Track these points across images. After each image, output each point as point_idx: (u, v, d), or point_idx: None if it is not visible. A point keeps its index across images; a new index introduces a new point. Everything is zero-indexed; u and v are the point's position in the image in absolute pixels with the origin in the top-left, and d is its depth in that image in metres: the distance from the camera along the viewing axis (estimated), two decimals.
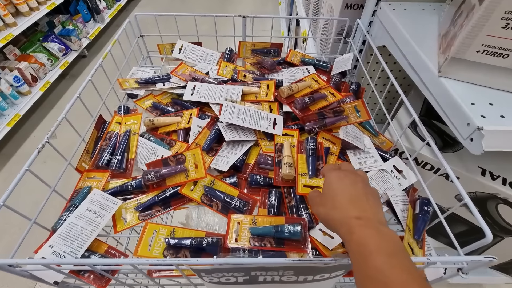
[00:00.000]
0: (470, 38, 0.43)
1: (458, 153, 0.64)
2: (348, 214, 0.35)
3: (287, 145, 0.59)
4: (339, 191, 0.38)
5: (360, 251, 0.31)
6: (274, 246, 0.47)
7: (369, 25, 0.82)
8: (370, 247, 0.30)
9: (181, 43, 0.88)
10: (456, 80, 0.49)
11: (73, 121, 0.56)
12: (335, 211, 0.36)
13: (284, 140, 0.61)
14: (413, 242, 0.46)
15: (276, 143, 0.61)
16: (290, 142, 0.61)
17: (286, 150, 0.58)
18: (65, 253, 0.44)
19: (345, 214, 0.35)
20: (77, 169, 0.57)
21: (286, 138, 0.62)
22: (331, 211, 0.36)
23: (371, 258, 0.30)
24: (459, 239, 0.44)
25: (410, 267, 0.29)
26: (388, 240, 0.31)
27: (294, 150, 0.60)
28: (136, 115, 0.65)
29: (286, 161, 0.56)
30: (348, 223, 0.34)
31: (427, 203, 0.50)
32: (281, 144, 0.61)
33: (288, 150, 0.58)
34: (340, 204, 0.36)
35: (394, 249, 0.31)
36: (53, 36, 2.15)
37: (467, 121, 0.43)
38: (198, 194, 0.54)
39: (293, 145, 0.60)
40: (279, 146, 0.60)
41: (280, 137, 0.62)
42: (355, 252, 0.32)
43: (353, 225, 0.33)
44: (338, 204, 0.36)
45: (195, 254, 0.46)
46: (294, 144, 0.61)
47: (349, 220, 0.34)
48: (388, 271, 0.28)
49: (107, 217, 0.49)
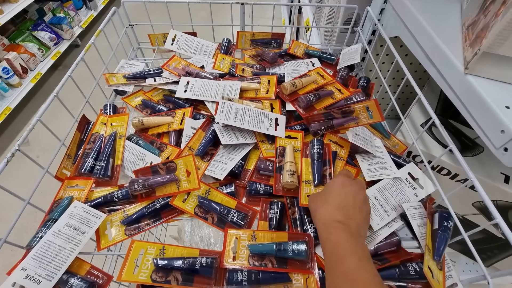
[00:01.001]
0: (508, 30, 0.37)
1: (478, 157, 0.58)
2: (333, 216, 0.39)
3: (289, 149, 0.53)
4: (335, 194, 0.41)
5: (336, 251, 0.36)
6: (276, 266, 0.42)
7: (380, 13, 0.74)
8: (345, 248, 0.35)
9: (174, 33, 0.80)
10: (487, 78, 0.43)
11: (53, 121, 0.50)
12: (323, 209, 0.41)
13: (287, 143, 0.55)
14: (433, 264, 0.41)
15: (278, 146, 0.55)
16: (294, 146, 0.55)
17: (289, 155, 0.52)
18: (40, 277, 0.39)
19: (331, 215, 0.39)
20: (57, 177, 0.51)
21: (289, 141, 0.56)
22: (320, 207, 0.41)
23: (345, 258, 0.34)
24: (474, 246, 0.39)
25: (374, 271, 0.34)
26: (360, 246, 0.36)
27: (298, 155, 0.54)
28: (122, 115, 0.59)
29: (288, 167, 0.50)
30: (330, 224, 0.38)
31: (447, 217, 0.44)
32: (283, 148, 0.55)
33: (291, 155, 0.52)
34: (331, 205, 0.40)
35: (364, 255, 0.35)
36: (43, 24, 2.05)
37: (501, 128, 0.37)
38: (191, 205, 0.48)
39: (296, 149, 0.55)
40: (281, 150, 0.54)
41: (283, 139, 0.56)
42: (330, 251, 0.36)
43: (334, 227, 0.37)
44: (328, 204, 0.40)
45: (187, 276, 0.41)
46: (298, 148, 0.55)
47: (331, 222, 0.38)
48: (357, 270, 0.33)
49: (89, 233, 0.44)
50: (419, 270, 0.41)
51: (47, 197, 0.50)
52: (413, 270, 0.41)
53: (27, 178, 0.48)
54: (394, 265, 0.43)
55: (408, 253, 0.44)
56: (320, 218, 0.40)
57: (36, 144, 1.68)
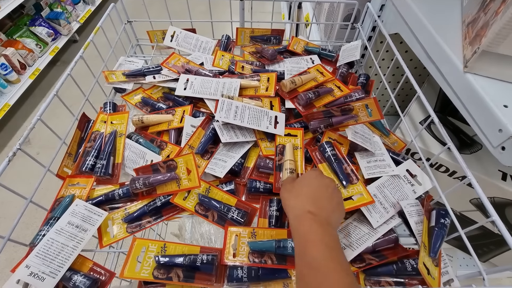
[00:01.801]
0: (508, 28, 0.37)
1: (476, 155, 0.59)
2: (305, 207, 0.39)
3: (289, 148, 0.54)
4: (307, 186, 0.42)
5: (304, 241, 0.36)
6: (275, 263, 0.43)
7: (380, 9, 0.74)
8: (313, 238, 0.35)
9: (173, 29, 0.80)
10: (486, 77, 0.43)
11: (53, 119, 0.50)
12: (295, 200, 0.41)
13: (287, 141, 0.56)
14: (429, 260, 0.41)
15: (278, 144, 0.55)
16: (294, 144, 0.55)
17: (288, 153, 0.53)
18: (44, 274, 0.40)
19: (302, 205, 0.39)
20: (58, 175, 0.52)
21: (289, 139, 0.56)
22: (293, 198, 0.42)
23: (311, 248, 0.34)
24: (471, 241, 0.40)
25: (341, 260, 0.34)
26: (329, 236, 0.36)
27: (298, 153, 0.54)
28: (122, 113, 0.59)
29: (288, 166, 0.50)
30: (301, 214, 0.38)
31: (444, 215, 0.45)
32: (283, 146, 0.55)
33: (291, 153, 0.53)
34: (304, 196, 0.41)
35: (333, 245, 0.35)
36: (40, 19, 2.03)
37: (499, 127, 0.38)
38: (192, 203, 0.49)
39: (296, 147, 0.55)
40: (280, 148, 0.55)
41: (282, 137, 0.56)
42: (299, 241, 0.36)
43: (305, 217, 0.38)
44: (301, 195, 0.41)
45: (189, 273, 0.42)
46: (298, 146, 0.55)
47: (303, 212, 0.38)
48: (323, 260, 0.33)
49: (91, 231, 0.45)
50: (415, 267, 0.42)
51: (48, 195, 0.50)
52: (410, 266, 0.42)
53: (28, 175, 0.48)
54: (391, 262, 0.43)
55: (406, 249, 0.44)
56: (291, 208, 0.41)
57: (35, 141, 1.68)
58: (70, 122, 0.56)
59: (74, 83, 0.59)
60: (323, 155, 0.53)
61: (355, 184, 0.48)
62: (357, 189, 0.47)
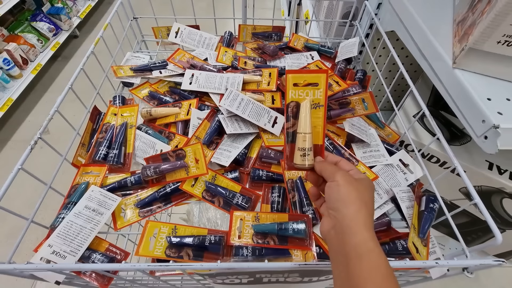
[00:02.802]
0: (491, 28, 0.40)
1: (465, 146, 0.62)
2: (372, 223, 0.31)
3: (305, 111, 0.36)
4: (372, 197, 0.34)
5: (382, 270, 0.28)
6: (277, 243, 0.46)
7: (377, 8, 0.77)
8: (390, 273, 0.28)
9: (177, 26, 0.83)
10: (472, 72, 0.46)
11: (65, 111, 0.53)
12: (365, 207, 0.32)
13: (302, 95, 0.36)
14: (418, 240, 0.45)
15: (289, 102, 0.37)
16: (312, 100, 0.36)
17: (304, 121, 0.36)
18: (65, 252, 0.43)
19: (370, 220, 0.31)
20: (73, 164, 0.55)
21: (305, 91, 0.36)
22: (360, 202, 0.32)
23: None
24: (460, 229, 0.43)
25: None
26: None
27: (321, 112, 0.36)
28: (132, 106, 0.62)
29: (306, 145, 0.36)
30: (372, 232, 0.30)
31: (433, 200, 0.49)
32: (296, 104, 0.37)
33: (307, 120, 0.36)
34: (370, 208, 0.33)
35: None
36: (41, 15, 2.04)
37: (482, 118, 0.41)
38: (199, 190, 0.52)
39: (316, 105, 0.36)
40: (293, 107, 0.37)
41: (295, 89, 0.37)
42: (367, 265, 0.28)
43: (366, 249, 0.29)
44: (368, 206, 0.32)
45: (198, 252, 0.45)
46: (319, 102, 0.36)
47: (372, 229, 0.31)
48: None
49: (106, 215, 0.48)
50: (406, 246, 0.45)
51: (62, 181, 0.53)
52: (401, 246, 0.46)
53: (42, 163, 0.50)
54: (384, 242, 0.47)
55: (397, 232, 0.48)
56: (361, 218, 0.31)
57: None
58: (79, 115, 0.58)
59: (81, 77, 0.61)
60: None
61: (357, 165, 0.52)
62: (360, 170, 0.51)
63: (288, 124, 0.38)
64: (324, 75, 0.36)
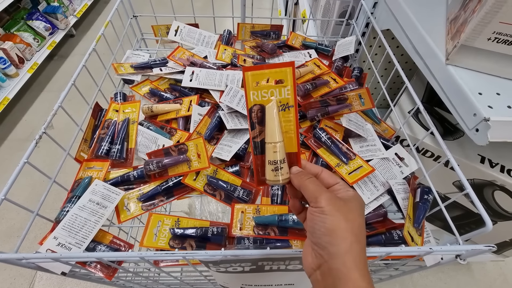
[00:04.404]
0: (482, 25, 0.42)
1: (458, 141, 0.64)
2: (363, 257, 0.27)
3: (272, 112, 0.30)
4: (363, 218, 0.29)
5: None
6: (278, 234, 0.48)
7: (373, 7, 0.79)
8: None
9: (177, 24, 0.84)
10: (464, 68, 0.48)
11: (67, 107, 0.53)
12: (357, 239, 0.27)
13: (266, 96, 0.30)
14: (413, 230, 0.47)
15: (252, 106, 0.30)
16: (278, 101, 0.30)
17: (273, 127, 0.30)
18: (71, 244, 0.44)
19: (362, 254, 0.27)
20: (76, 159, 0.56)
21: (271, 90, 0.30)
22: (352, 234, 0.27)
23: None
24: (454, 222, 0.45)
25: None
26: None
27: (292, 112, 0.31)
28: (134, 102, 0.63)
29: (277, 157, 0.30)
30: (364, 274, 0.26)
31: (427, 192, 0.51)
32: (260, 107, 0.30)
33: (277, 125, 0.30)
34: (363, 236, 0.28)
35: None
36: (37, 13, 2.03)
37: (474, 112, 0.43)
38: (201, 183, 0.53)
39: (284, 106, 0.30)
40: (256, 112, 0.31)
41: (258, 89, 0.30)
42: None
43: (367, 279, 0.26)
44: (362, 235, 0.28)
45: (200, 243, 0.47)
46: (287, 102, 0.30)
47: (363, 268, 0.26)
48: None
49: (110, 208, 0.49)
50: (401, 236, 0.47)
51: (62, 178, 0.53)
52: (396, 236, 0.48)
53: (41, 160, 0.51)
54: (380, 233, 0.49)
55: (393, 222, 0.50)
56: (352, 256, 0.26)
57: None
58: (77, 113, 0.59)
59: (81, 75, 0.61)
60: (319, 140, 0.58)
61: (354, 159, 0.53)
62: (357, 163, 0.53)
63: (254, 132, 0.31)
64: (290, 69, 0.29)
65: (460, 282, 1.21)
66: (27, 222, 0.42)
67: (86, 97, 0.60)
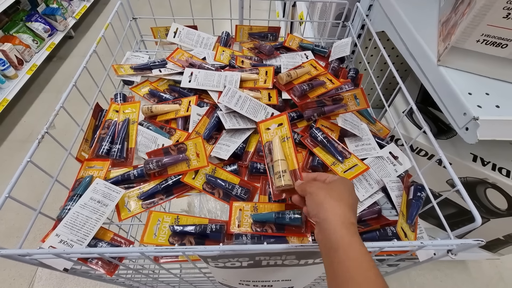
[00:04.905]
0: (471, 27, 0.44)
1: (451, 140, 0.66)
2: (350, 217, 0.36)
3: (276, 144, 0.49)
4: (349, 193, 0.40)
5: (361, 260, 0.33)
6: (275, 231, 0.49)
7: (368, 9, 0.80)
8: (365, 256, 0.33)
9: (175, 26, 0.85)
10: (455, 69, 0.50)
11: (66, 108, 0.54)
12: (338, 204, 0.37)
13: (272, 135, 0.50)
14: (406, 226, 0.48)
15: (265, 143, 0.49)
16: (281, 135, 0.50)
17: (277, 151, 0.47)
18: (72, 241, 0.45)
19: (348, 215, 0.36)
20: (77, 158, 0.57)
21: (275, 131, 0.51)
22: (334, 202, 0.38)
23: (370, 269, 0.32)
24: (448, 220, 0.46)
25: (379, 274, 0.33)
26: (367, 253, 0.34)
27: (289, 144, 0.49)
28: (134, 103, 0.64)
29: (278, 169, 0.46)
30: (349, 226, 0.35)
31: (420, 189, 0.52)
32: (270, 143, 0.51)
33: (280, 150, 0.48)
34: (346, 203, 0.38)
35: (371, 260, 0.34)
36: (36, 15, 2.04)
37: (464, 111, 0.45)
38: (200, 182, 0.55)
39: (285, 138, 0.50)
40: (269, 146, 0.50)
41: (267, 133, 0.51)
42: (355, 258, 0.33)
43: (353, 232, 0.35)
44: (343, 202, 0.38)
45: (200, 240, 0.48)
46: (286, 135, 0.49)
47: (350, 225, 0.36)
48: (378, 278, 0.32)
49: (111, 206, 0.50)
50: (395, 232, 0.48)
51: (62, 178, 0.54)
52: (390, 232, 0.49)
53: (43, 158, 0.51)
54: (375, 229, 0.50)
55: (387, 219, 0.51)
56: (336, 214, 0.36)
57: (35, 134, 1.70)
58: (82, 109, 0.60)
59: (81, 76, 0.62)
60: (316, 140, 0.59)
61: (349, 158, 0.55)
62: (352, 162, 0.54)
63: (267, 160, 0.48)
64: (285, 116, 0.53)
65: (457, 281, 1.22)
66: (27, 222, 0.43)
67: (86, 98, 0.62)
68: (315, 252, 0.40)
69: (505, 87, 0.48)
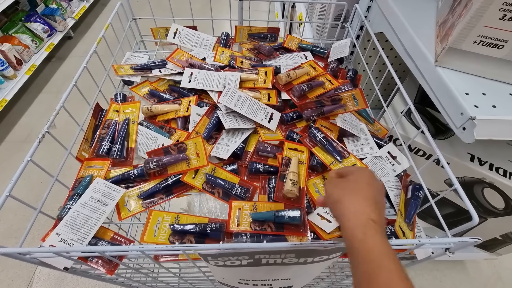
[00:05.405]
0: (468, 29, 0.44)
1: (449, 140, 0.66)
2: (366, 212, 0.34)
3: (295, 161, 0.56)
4: (365, 184, 0.38)
5: (373, 257, 0.32)
6: (274, 230, 0.49)
7: (367, 10, 0.81)
8: (382, 254, 0.32)
9: (175, 27, 0.85)
10: (452, 69, 0.51)
11: (67, 107, 0.55)
12: (353, 202, 0.36)
13: (293, 155, 0.58)
14: (404, 225, 0.49)
15: (284, 156, 0.57)
16: (299, 159, 0.58)
17: (293, 166, 0.55)
18: (73, 240, 0.45)
19: (363, 210, 0.35)
20: (77, 158, 0.57)
21: (296, 153, 0.58)
22: (349, 198, 0.36)
23: (384, 266, 0.31)
24: (446, 220, 0.47)
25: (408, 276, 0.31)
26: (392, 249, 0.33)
27: (303, 167, 0.57)
28: (134, 103, 0.64)
29: (291, 177, 0.53)
30: (365, 222, 0.33)
31: (418, 188, 0.53)
32: (288, 158, 0.57)
33: (295, 166, 0.55)
34: (361, 197, 0.36)
35: (397, 259, 0.32)
36: (36, 15, 2.04)
37: (461, 111, 0.45)
38: (199, 181, 0.55)
39: (301, 162, 0.57)
40: (286, 160, 0.57)
41: (290, 151, 0.59)
42: (365, 255, 0.32)
43: (370, 227, 0.33)
44: (359, 196, 0.36)
45: (199, 239, 0.48)
46: (304, 161, 0.58)
47: (366, 220, 0.34)
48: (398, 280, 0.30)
49: (111, 205, 0.50)
50: (393, 231, 0.49)
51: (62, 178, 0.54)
52: (388, 231, 0.49)
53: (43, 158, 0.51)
54: None
55: (386, 218, 0.52)
56: (351, 211, 0.35)
57: (35, 133, 1.70)
58: (82, 109, 0.60)
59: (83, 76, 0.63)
60: (315, 139, 0.59)
61: (348, 157, 0.55)
62: (350, 161, 0.55)
63: (281, 168, 0.56)
64: (306, 149, 0.60)
65: (455, 281, 1.22)
66: (25, 223, 0.43)
67: (86, 98, 0.62)
68: (314, 250, 0.40)
69: (502, 87, 0.49)
